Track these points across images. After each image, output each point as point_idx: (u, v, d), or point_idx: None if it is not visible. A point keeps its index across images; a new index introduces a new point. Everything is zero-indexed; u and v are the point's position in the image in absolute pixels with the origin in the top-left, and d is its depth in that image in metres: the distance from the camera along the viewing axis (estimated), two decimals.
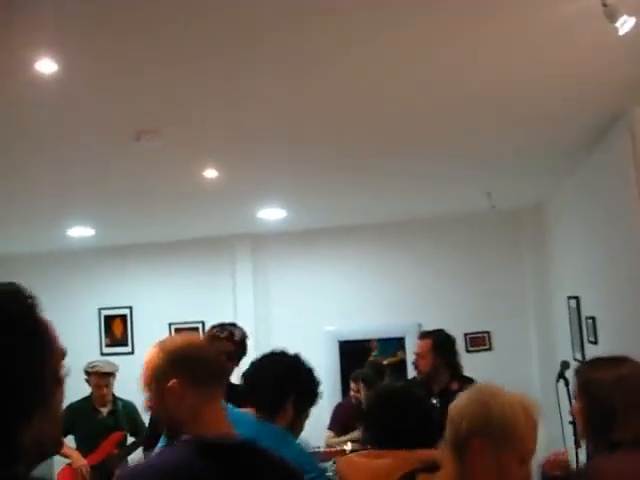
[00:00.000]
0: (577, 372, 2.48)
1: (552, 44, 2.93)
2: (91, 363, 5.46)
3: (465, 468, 1.87)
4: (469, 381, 4.41)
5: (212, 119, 3.61)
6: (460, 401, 1.94)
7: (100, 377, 5.33)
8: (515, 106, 3.78)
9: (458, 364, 4.46)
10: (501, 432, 1.84)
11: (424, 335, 4.55)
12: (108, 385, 5.37)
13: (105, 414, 5.29)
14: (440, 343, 4.45)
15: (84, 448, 4.96)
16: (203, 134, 3.85)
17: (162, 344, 2.02)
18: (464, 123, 4.00)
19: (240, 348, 3.92)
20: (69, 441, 5.00)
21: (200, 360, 1.97)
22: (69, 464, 4.85)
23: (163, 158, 4.20)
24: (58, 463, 4.82)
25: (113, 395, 5.44)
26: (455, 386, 4.35)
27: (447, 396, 4.30)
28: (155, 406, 1.99)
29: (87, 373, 5.35)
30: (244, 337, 3.99)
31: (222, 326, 3.95)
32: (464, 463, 1.87)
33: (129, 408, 5.39)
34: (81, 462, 4.81)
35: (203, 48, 2.74)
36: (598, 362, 2.46)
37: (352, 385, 5.97)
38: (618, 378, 2.29)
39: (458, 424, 1.88)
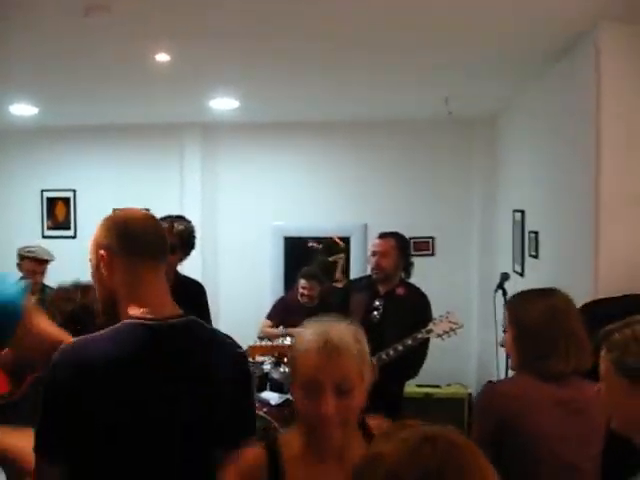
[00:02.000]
0: (508, 304, 2.52)
1: None
2: (26, 247, 5.28)
3: None
4: (413, 288, 4.50)
5: None
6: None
7: (36, 263, 5.18)
8: (480, 15, 3.68)
9: (412, 266, 4.54)
10: (291, 363, 1.81)
11: (386, 235, 4.56)
12: (42, 272, 5.22)
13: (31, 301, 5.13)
14: (403, 244, 4.51)
15: None
16: (156, 14, 3.64)
17: (106, 216, 1.98)
18: (431, 25, 3.90)
19: (180, 241, 3.87)
20: None
21: (134, 232, 1.90)
22: None
23: (113, 37, 3.98)
24: None
25: (42, 283, 5.30)
26: (401, 291, 4.44)
27: (392, 299, 4.42)
28: (93, 278, 1.95)
29: (21, 257, 5.18)
30: (187, 231, 3.95)
31: (165, 218, 3.89)
32: None
33: None
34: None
35: None
36: (528, 294, 2.49)
37: (303, 282, 5.84)
38: (550, 308, 2.35)
39: None
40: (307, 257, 7.37)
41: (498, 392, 2.41)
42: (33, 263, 5.17)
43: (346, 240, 7.42)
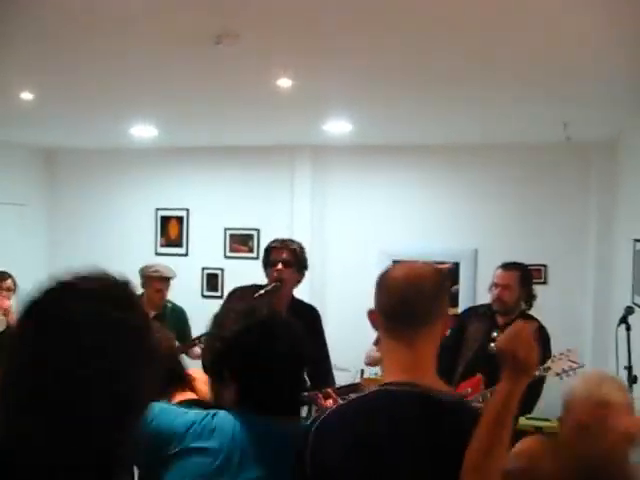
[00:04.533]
0: None
1: None
2: (151, 267, 5.38)
3: None
4: (533, 321, 4.36)
5: (293, 24, 3.44)
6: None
7: (161, 281, 5.29)
8: (600, 36, 3.55)
9: (534, 299, 4.41)
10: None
11: (510, 266, 4.43)
12: (166, 289, 5.35)
13: (151, 317, 5.19)
14: (526, 276, 4.39)
15: None
16: (283, 40, 3.71)
17: None
18: (548, 50, 3.80)
19: (297, 259, 3.93)
20: None
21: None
22: None
23: (239, 64, 4.08)
24: None
25: (166, 300, 5.39)
26: None
27: None
28: None
29: (148, 278, 5.27)
30: (302, 250, 4.01)
31: (282, 241, 3.98)
32: None
33: (177, 312, 5.36)
34: None
35: None
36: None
37: None
38: None
39: None
40: None
41: None
42: (160, 282, 5.30)
43: (455, 265, 7.29)
